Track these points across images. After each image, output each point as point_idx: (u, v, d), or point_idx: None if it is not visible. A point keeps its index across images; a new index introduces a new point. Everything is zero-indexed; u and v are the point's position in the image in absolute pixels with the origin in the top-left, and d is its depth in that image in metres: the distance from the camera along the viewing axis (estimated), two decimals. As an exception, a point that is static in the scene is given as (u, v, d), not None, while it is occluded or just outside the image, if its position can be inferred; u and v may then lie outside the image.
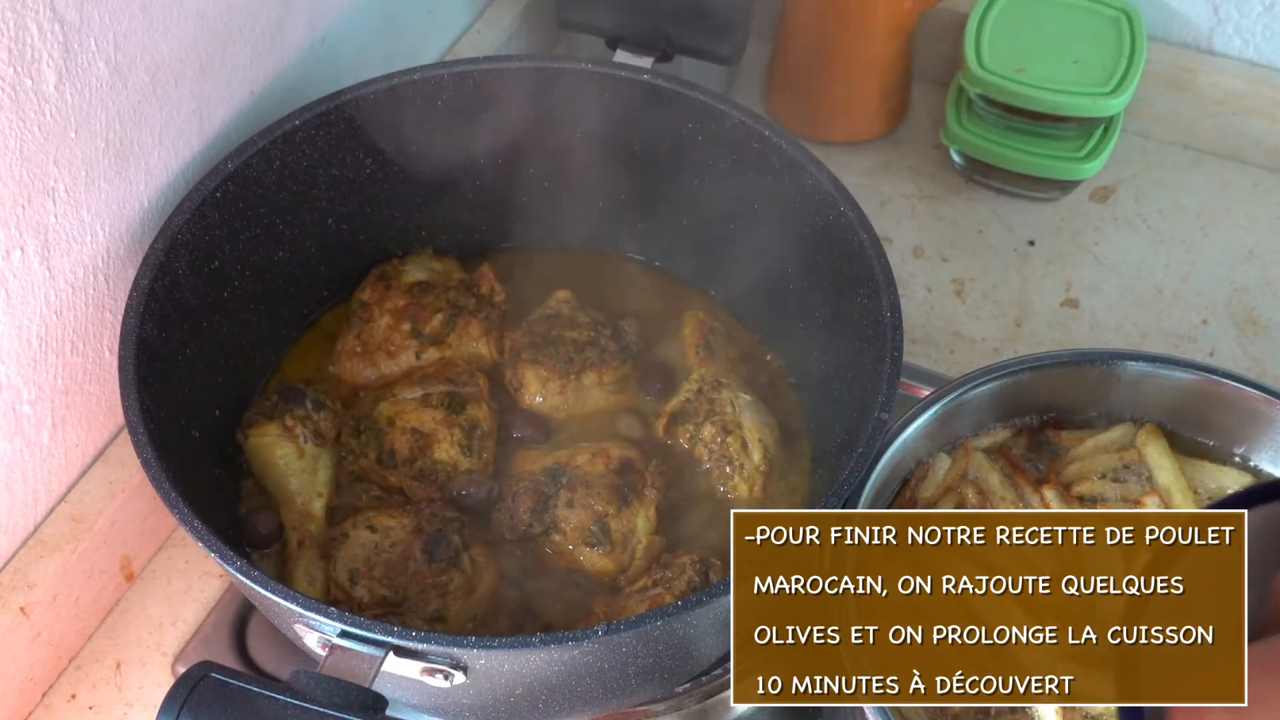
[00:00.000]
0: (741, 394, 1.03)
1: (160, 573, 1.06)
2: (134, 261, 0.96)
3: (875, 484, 0.91)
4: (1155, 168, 1.37)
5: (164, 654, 1.02)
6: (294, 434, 0.99)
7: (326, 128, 1.03)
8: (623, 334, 1.08)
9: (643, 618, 0.78)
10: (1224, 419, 0.97)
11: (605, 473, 0.98)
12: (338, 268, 1.11)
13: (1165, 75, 1.34)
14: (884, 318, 0.91)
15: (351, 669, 0.75)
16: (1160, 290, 1.26)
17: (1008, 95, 1.24)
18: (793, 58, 1.35)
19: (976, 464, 0.97)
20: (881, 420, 0.87)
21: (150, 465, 0.83)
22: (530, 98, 1.07)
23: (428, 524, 0.95)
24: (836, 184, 0.98)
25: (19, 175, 0.83)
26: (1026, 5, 1.30)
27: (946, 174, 1.36)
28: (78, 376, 0.96)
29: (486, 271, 1.11)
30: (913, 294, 1.26)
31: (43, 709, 0.99)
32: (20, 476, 0.94)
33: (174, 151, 0.98)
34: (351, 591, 0.92)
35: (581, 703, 0.88)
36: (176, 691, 0.71)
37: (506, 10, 1.39)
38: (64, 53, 0.84)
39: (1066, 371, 0.98)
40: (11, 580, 0.95)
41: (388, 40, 1.23)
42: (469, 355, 1.07)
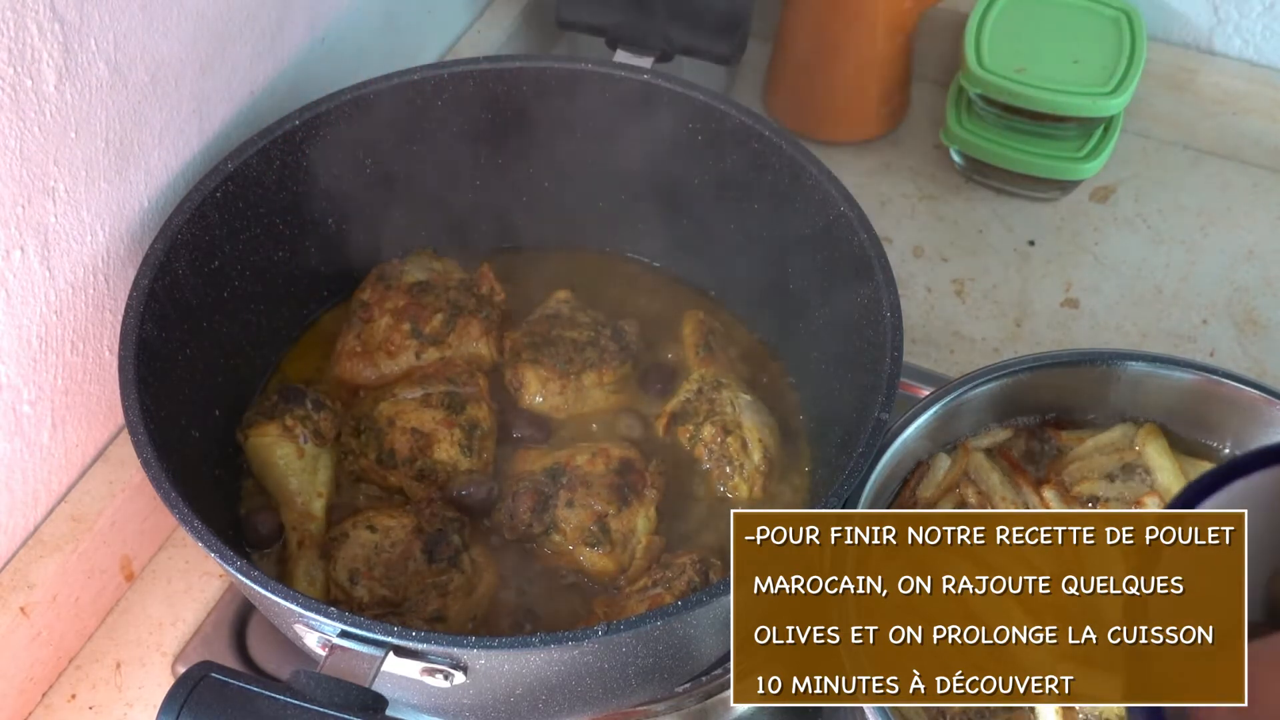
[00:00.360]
0: (741, 394, 1.03)
1: (160, 573, 1.06)
2: (134, 261, 0.96)
3: (875, 484, 0.91)
4: (1155, 168, 1.36)
5: (164, 654, 1.02)
6: (294, 434, 0.99)
7: (326, 128, 1.03)
8: (623, 334, 1.08)
9: (643, 618, 0.78)
10: (1224, 419, 0.97)
11: (605, 473, 0.98)
12: (338, 268, 1.11)
13: (1165, 75, 1.34)
14: (884, 318, 0.91)
15: (351, 669, 0.75)
16: (1160, 290, 1.26)
17: (1008, 95, 1.24)
18: (793, 58, 1.35)
19: (976, 464, 0.97)
20: (881, 420, 0.87)
21: (150, 465, 0.83)
22: (530, 98, 1.07)
23: (428, 524, 0.95)
24: (836, 184, 0.98)
25: (19, 175, 0.83)
26: (1026, 5, 1.30)
27: (946, 174, 1.36)
28: (78, 376, 0.96)
29: (486, 271, 1.11)
30: (913, 294, 1.26)
31: (43, 709, 0.99)
32: (20, 476, 0.94)
33: (174, 151, 0.98)
34: (351, 591, 0.92)
35: (581, 703, 0.88)
36: (176, 691, 0.71)
37: (506, 10, 1.39)
38: (64, 53, 0.84)
39: (1066, 371, 0.98)
40: (11, 580, 0.95)
41: (388, 40, 1.23)
42: (469, 355, 1.07)
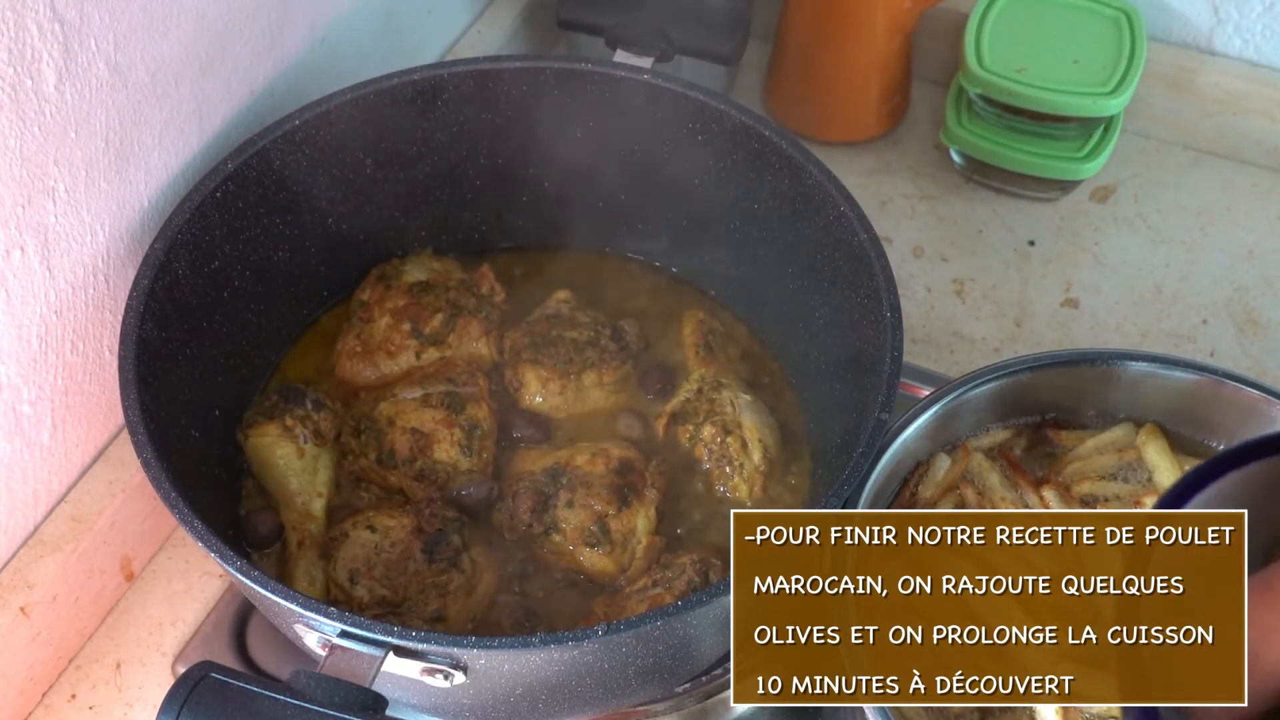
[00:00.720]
0: (741, 394, 1.03)
1: (160, 573, 1.06)
2: (134, 261, 0.96)
3: (875, 484, 0.91)
4: (1155, 168, 1.36)
5: (164, 654, 1.02)
6: (294, 434, 0.99)
7: (326, 128, 1.03)
8: (623, 334, 1.08)
9: (643, 618, 0.78)
10: (1224, 419, 0.97)
11: (605, 473, 0.98)
12: (338, 268, 1.11)
13: (1165, 75, 1.34)
14: (884, 318, 0.91)
15: (351, 669, 0.75)
16: (1160, 290, 1.26)
17: (1008, 95, 1.24)
18: (793, 58, 1.35)
19: (976, 464, 0.97)
20: (881, 420, 0.87)
21: (150, 465, 0.83)
22: (530, 98, 1.07)
23: (428, 524, 0.95)
24: (836, 184, 0.98)
25: (19, 175, 0.83)
26: (1026, 5, 1.30)
27: (946, 174, 1.36)
28: (78, 376, 0.96)
29: (486, 271, 1.11)
30: (913, 294, 1.26)
31: (43, 709, 0.99)
32: (20, 476, 0.94)
33: (174, 151, 0.98)
34: (351, 591, 0.92)
35: (581, 703, 0.88)
36: (176, 691, 0.71)
37: (506, 10, 1.39)
38: (64, 53, 0.84)
39: (1066, 371, 0.98)
40: (11, 580, 0.95)
41: (388, 40, 1.23)
42: (469, 355, 1.07)
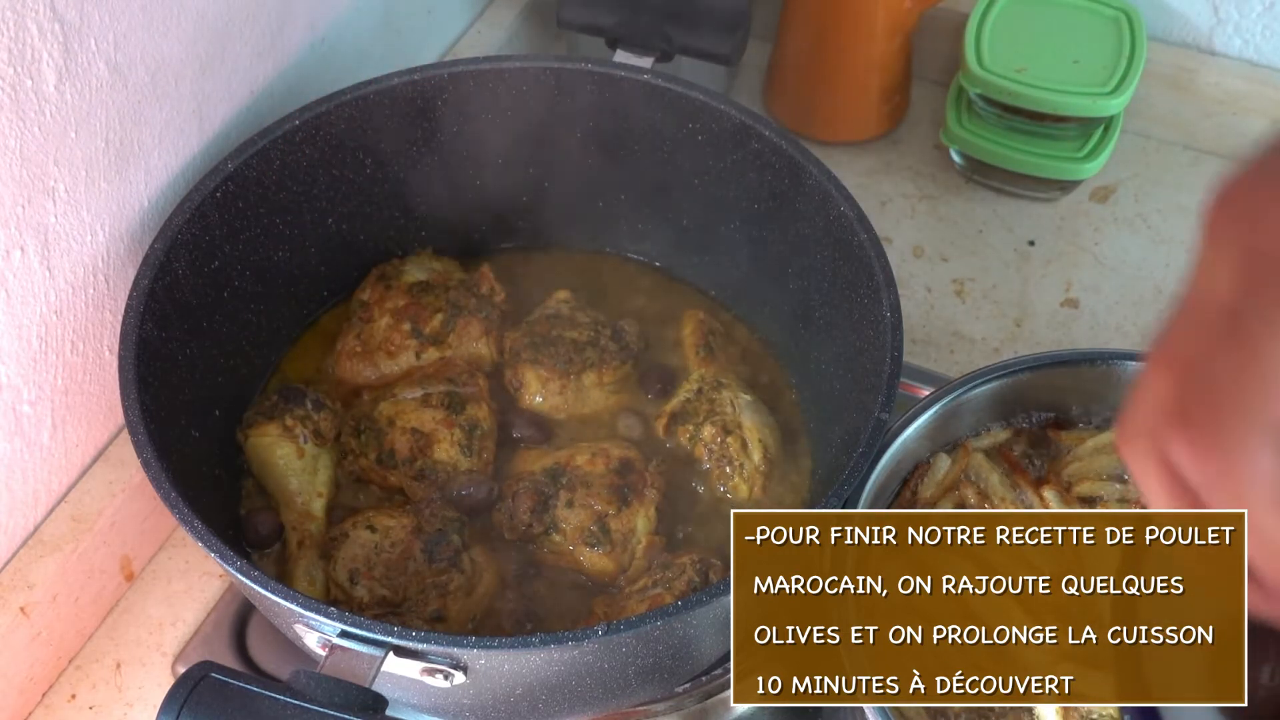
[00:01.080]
0: (741, 394, 1.03)
1: (160, 573, 1.06)
2: (134, 261, 0.96)
3: (875, 484, 0.91)
4: (1155, 168, 1.36)
5: (164, 654, 1.02)
6: (294, 434, 0.99)
7: (326, 128, 1.03)
8: (623, 334, 1.08)
9: (643, 618, 0.78)
10: (1224, 419, 0.97)
11: (605, 473, 0.98)
12: (338, 268, 1.11)
13: (1165, 75, 1.34)
14: (884, 318, 0.91)
15: (351, 669, 0.75)
16: (1160, 290, 1.26)
17: (1008, 95, 1.24)
18: (793, 58, 1.35)
19: (976, 464, 0.97)
20: (881, 420, 0.87)
21: (150, 465, 0.83)
22: (530, 98, 1.07)
23: (428, 524, 0.95)
24: (836, 184, 0.98)
25: (19, 175, 0.83)
26: (1026, 5, 1.30)
27: (946, 174, 1.36)
28: (78, 376, 0.96)
29: (486, 271, 1.11)
30: (913, 294, 1.26)
31: (43, 709, 0.99)
32: (20, 476, 0.94)
33: (174, 151, 0.98)
34: (351, 591, 0.92)
35: (581, 703, 0.88)
36: (176, 691, 0.71)
37: (506, 10, 1.39)
38: (64, 53, 0.84)
39: (1066, 371, 0.98)
40: (11, 580, 0.95)
41: (388, 40, 1.23)
42: (469, 355, 1.07)
